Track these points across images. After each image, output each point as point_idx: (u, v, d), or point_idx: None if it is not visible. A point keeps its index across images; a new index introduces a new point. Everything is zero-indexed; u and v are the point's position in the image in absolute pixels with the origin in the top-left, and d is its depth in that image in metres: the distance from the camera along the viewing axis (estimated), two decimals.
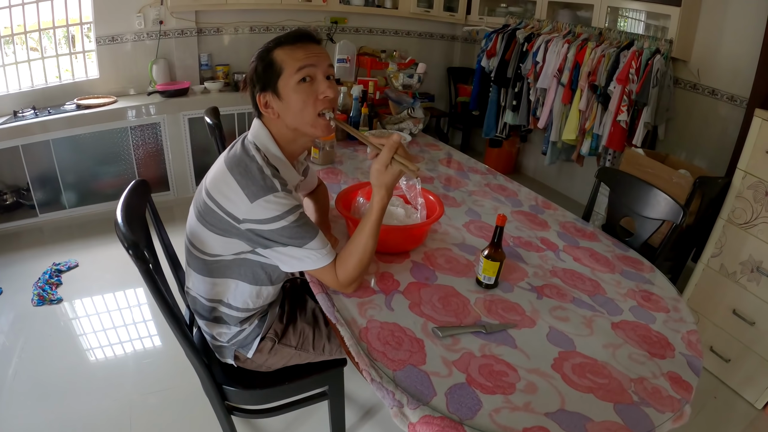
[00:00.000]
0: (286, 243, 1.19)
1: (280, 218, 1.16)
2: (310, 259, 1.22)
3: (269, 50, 1.25)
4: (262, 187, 1.16)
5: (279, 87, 1.24)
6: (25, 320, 2.55)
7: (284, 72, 1.23)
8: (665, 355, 1.19)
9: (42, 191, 3.48)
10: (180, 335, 1.27)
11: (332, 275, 1.27)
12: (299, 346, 1.49)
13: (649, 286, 1.52)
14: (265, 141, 1.29)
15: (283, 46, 1.25)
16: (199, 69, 4.20)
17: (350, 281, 1.28)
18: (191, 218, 1.32)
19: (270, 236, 1.18)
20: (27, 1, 3.44)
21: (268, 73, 1.24)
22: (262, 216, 1.16)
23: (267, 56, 1.25)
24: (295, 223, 1.18)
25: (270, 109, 1.27)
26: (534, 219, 1.90)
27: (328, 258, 1.25)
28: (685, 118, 3.40)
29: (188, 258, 1.38)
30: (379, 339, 1.15)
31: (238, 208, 1.17)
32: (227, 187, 1.19)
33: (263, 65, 1.25)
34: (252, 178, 1.17)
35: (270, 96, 1.26)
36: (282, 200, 1.17)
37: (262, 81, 1.26)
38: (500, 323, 1.24)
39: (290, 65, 1.23)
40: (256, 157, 1.22)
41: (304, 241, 1.20)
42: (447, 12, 5.04)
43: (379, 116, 2.85)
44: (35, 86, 3.63)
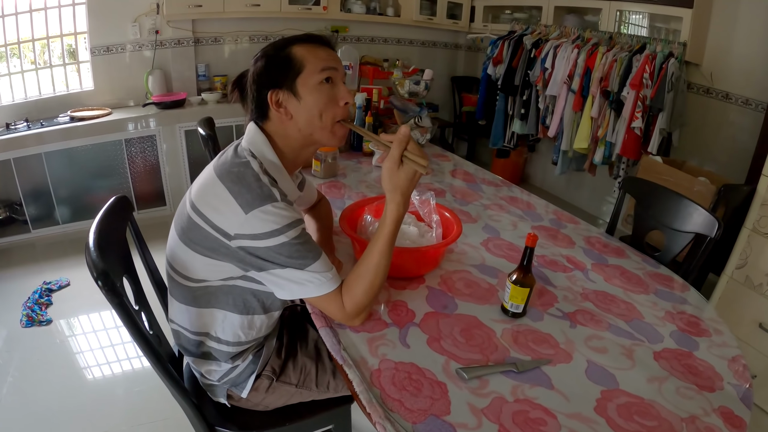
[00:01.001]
0: (285, 264, 1.03)
1: (279, 233, 1.00)
2: (312, 283, 1.05)
3: (284, 46, 1.13)
4: (259, 195, 1.01)
5: (297, 85, 1.11)
6: (14, 342, 2.44)
7: (305, 69, 1.11)
8: (714, 387, 1.06)
9: (35, 206, 3.37)
10: (164, 374, 1.12)
11: (338, 304, 1.10)
12: (300, 384, 1.32)
13: (687, 306, 1.39)
14: (263, 148, 1.14)
15: (302, 44, 1.14)
16: (196, 80, 4.10)
17: (359, 310, 1.11)
18: (172, 238, 1.15)
19: (265, 255, 1.02)
20: (21, 11, 3.35)
21: (284, 70, 1.11)
22: (257, 230, 0.99)
23: (283, 51, 1.12)
24: (296, 240, 1.02)
25: (282, 109, 1.13)
26: (556, 234, 1.76)
27: (333, 283, 1.08)
28: (699, 124, 3.30)
29: (169, 284, 1.21)
30: (394, 383, 0.99)
31: (230, 222, 1.01)
32: (217, 198, 1.03)
33: (278, 61, 1.12)
34: (247, 185, 1.02)
35: (285, 94, 1.12)
36: (282, 211, 1.01)
37: (275, 77, 1.12)
38: (532, 359, 1.09)
39: (313, 63, 1.12)
40: (251, 163, 1.07)
41: (306, 262, 1.04)
42: (450, 20, 5.00)
43: (383, 126, 2.72)
44: (28, 98, 3.53)
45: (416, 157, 1.05)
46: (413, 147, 1.06)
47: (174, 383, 1.14)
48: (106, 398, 2.14)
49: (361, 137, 2.52)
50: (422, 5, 4.76)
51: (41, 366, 2.30)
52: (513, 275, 1.20)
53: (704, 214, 1.65)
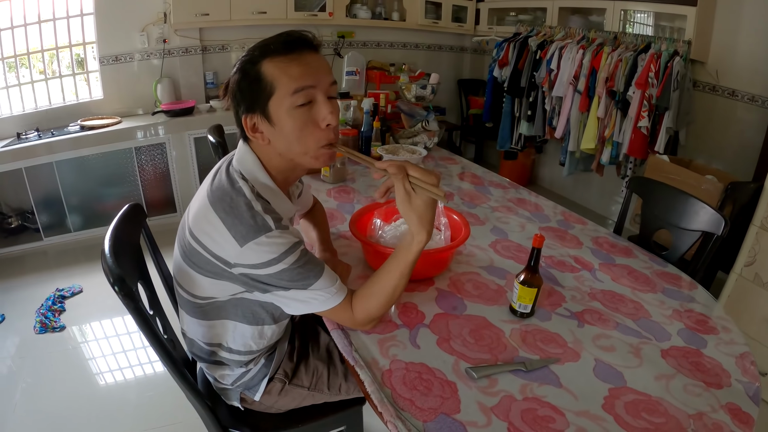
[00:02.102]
0: (288, 287, 1.02)
1: (277, 261, 0.98)
2: (316, 300, 1.05)
3: (254, 61, 1.02)
4: (252, 227, 0.97)
5: (270, 109, 1.02)
6: (27, 348, 2.47)
7: (276, 92, 1.01)
8: (722, 384, 1.06)
9: (46, 214, 3.42)
10: (179, 377, 1.14)
11: (346, 314, 1.10)
12: (312, 387, 1.34)
13: (694, 304, 1.39)
14: (253, 169, 1.08)
15: (272, 58, 1.01)
16: (204, 87, 4.14)
17: (369, 320, 1.12)
18: (176, 256, 1.13)
19: (268, 281, 1.01)
20: (30, 22, 3.39)
21: (254, 91, 1.02)
22: (254, 261, 0.98)
23: (253, 69, 1.02)
24: (296, 264, 1.00)
25: (259, 134, 1.06)
26: (564, 235, 1.77)
27: (338, 297, 1.07)
28: (705, 122, 3.30)
29: (179, 299, 1.20)
30: (404, 383, 1.01)
31: (227, 252, 0.99)
32: (212, 228, 1.00)
33: (249, 80, 1.02)
34: (239, 216, 0.98)
35: (258, 118, 1.04)
36: (277, 240, 0.98)
37: (247, 99, 1.03)
38: (541, 358, 1.10)
39: (284, 84, 1.00)
40: (243, 189, 1.02)
41: (309, 282, 1.03)
42: (455, 23, 5.01)
43: (391, 130, 2.74)
44: (39, 108, 3.59)
45: (427, 185, 1.00)
46: (419, 173, 1.00)
47: (189, 386, 1.16)
48: (118, 403, 2.16)
49: (369, 143, 2.53)
50: (427, 9, 4.78)
51: (54, 371, 2.32)
52: (520, 276, 1.21)
53: (710, 212, 1.65)
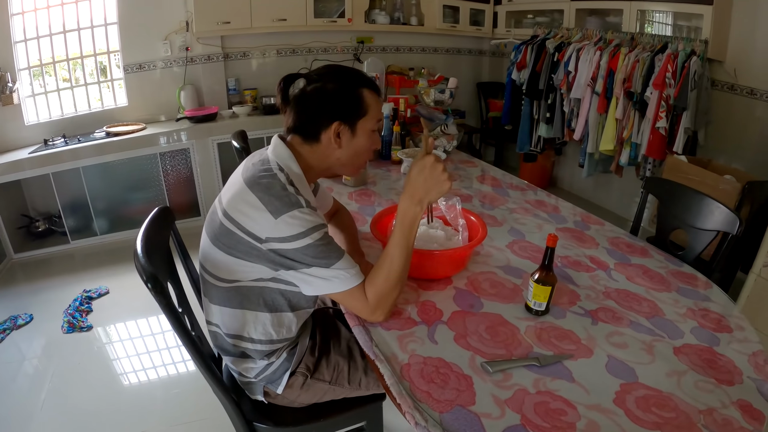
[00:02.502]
0: (311, 263, 1.12)
1: (305, 235, 1.09)
2: (338, 279, 1.14)
3: (357, 85, 1.24)
4: (287, 202, 1.10)
5: (358, 126, 1.25)
6: (55, 347, 2.54)
7: (368, 115, 1.25)
8: (733, 381, 1.07)
9: (73, 218, 3.53)
10: (206, 371, 1.19)
11: (362, 298, 1.18)
12: (333, 381, 1.38)
13: (708, 303, 1.40)
14: (289, 162, 1.23)
15: (368, 89, 1.25)
16: (226, 94, 4.22)
17: (380, 300, 1.18)
18: (204, 242, 1.24)
19: (294, 256, 1.11)
20: (55, 32, 3.50)
21: (354, 108, 1.23)
22: (286, 233, 1.09)
23: (356, 90, 1.24)
24: (320, 241, 1.12)
25: (338, 140, 1.24)
26: (581, 236, 1.78)
27: (356, 279, 1.16)
28: (724, 121, 3.26)
29: (204, 286, 1.29)
30: (422, 376, 1.05)
31: (261, 227, 1.10)
32: (248, 206, 1.12)
33: (350, 97, 1.23)
34: (275, 194, 1.11)
35: (347, 129, 1.24)
36: (307, 216, 1.11)
37: (345, 111, 1.23)
38: (554, 354, 1.13)
39: (374, 111, 1.27)
40: (278, 175, 1.16)
41: (331, 261, 1.13)
42: (473, 26, 5.01)
43: (411, 134, 2.77)
44: (65, 115, 3.70)
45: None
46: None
47: (215, 380, 1.21)
48: (143, 400, 2.22)
49: (389, 147, 2.57)
50: (445, 13, 4.80)
51: (81, 370, 2.39)
52: (535, 274, 1.24)
53: (725, 211, 1.66)
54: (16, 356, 2.47)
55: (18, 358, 2.46)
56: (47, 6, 3.42)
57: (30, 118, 3.51)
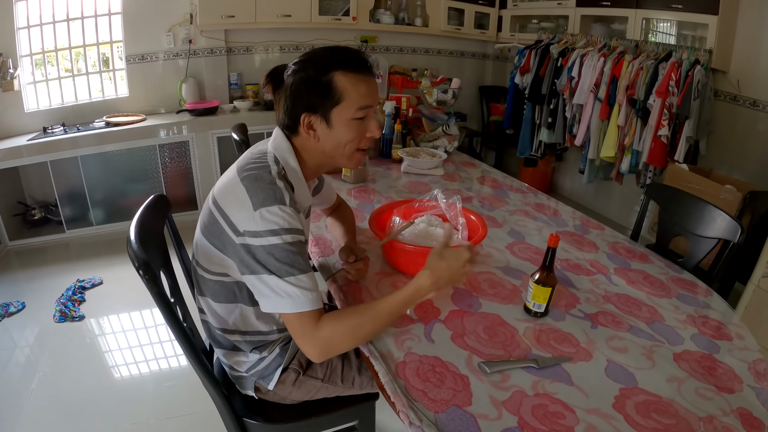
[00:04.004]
0: (272, 269, 1.02)
1: (276, 234, 1.02)
2: (291, 298, 1.03)
3: (326, 69, 1.12)
4: (270, 196, 1.04)
5: (332, 115, 1.14)
6: (47, 336, 2.52)
7: (343, 102, 1.13)
8: (733, 389, 1.06)
9: (70, 207, 3.51)
10: (196, 363, 1.16)
11: (309, 328, 1.05)
12: (326, 379, 1.36)
13: (708, 310, 1.39)
14: (286, 155, 1.19)
15: (345, 72, 1.12)
16: (228, 88, 4.21)
17: (328, 345, 1.07)
18: (197, 232, 1.21)
19: (259, 255, 1.03)
20: (58, 20, 3.48)
21: (322, 96, 1.13)
22: (260, 227, 1.02)
23: (325, 76, 1.12)
24: (290, 246, 1.03)
25: (312, 132, 1.17)
26: (581, 240, 1.77)
27: (310, 304, 1.04)
28: (727, 132, 3.25)
29: (195, 278, 1.26)
30: (418, 375, 1.03)
31: (241, 217, 1.05)
32: (234, 195, 1.08)
33: (318, 85, 1.12)
34: (261, 186, 1.06)
35: (317, 120, 1.15)
36: (285, 215, 1.04)
37: (312, 101, 1.13)
38: (553, 356, 1.11)
39: (352, 99, 1.13)
40: (271, 168, 1.12)
41: (292, 271, 1.03)
42: (478, 29, 5.00)
43: (412, 134, 2.76)
44: (65, 103, 3.68)
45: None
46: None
47: (205, 372, 1.18)
48: (135, 393, 2.20)
49: (390, 145, 2.56)
50: (450, 15, 4.79)
51: (72, 360, 2.37)
52: (536, 275, 1.22)
53: (727, 219, 1.64)
54: (7, 344, 2.45)
55: (9, 346, 2.43)
56: None
57: (30, 106, 3.49)
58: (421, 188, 2.19)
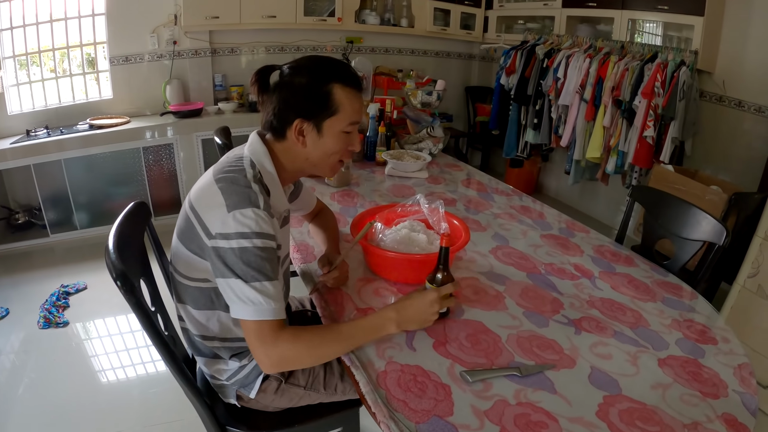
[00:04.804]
0: (238, 273, 1.02)
1: (246, 237, 1.02)
2: (254, 305, 1.01)
3: (327, 80, 1.15)
4: (245, 198, 1.05)
5: (324, 125, 1.16)
6: (31, 343, 2.49)
7: (337, 115, 1.16)
8: (718, 394, 1.06)
9: (54, 211, 3.45)
10: (177, 373, 1.15)
11: (267, 338, 1.03)
12: (309, 386, 1.34)
13: (694, 314, 1.39)
14: (263, 159, 1.18)
15: (344, 86, 1.16)
16: (213, 89, 4.17)
17: (284, 360, 1.08)
18: (174, 239, 1.20)
19: (229, 258, 1.02)
20: (42, 21, 3.44)
21: (319, 105, 1.15)
22: (231, 229, 1.02)
23: (325, 86, 1.14)
24: (260, 251, 1.03)
25: (302, 138, 1.17)
26: (565, 243, 1.77)
27: (272, 314, 1.03)
28: (712, 132, 3.29)
29: (173, 285, 1.25)
30: (399, 385, 1.02)
31: (214, 220, 1.05)
32: (209, 197, 1.08)
33: (317, 93, 1.14)
34: (236, 188, 1.07)
35: (310, 127, 1.16)
36: (259, 219, 1.04)
37: (308, 108, 1.15)
38: (536, 364, 1.10)
39: (347, 112, 1.17)
40: (247, 172, 1.12)
41: (258, 277, 1.02)
42: (464, 30, 5.02)
43: (396, 136, 2.75)
44: (49, 105, 3.63)
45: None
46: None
47: (187, 382, 1.17)
48: (120, 399, 2.18)
49: (374, 147, 2.55)
50: (436, 16, 4.80)
51: (57, 367, 2.33)
52: (433, 276, 1.19)
53: (712, 222, 1.65)
54: None
55: None
56: None
57: (13, 108, 3.44)
58: (405, 191, 2.18)
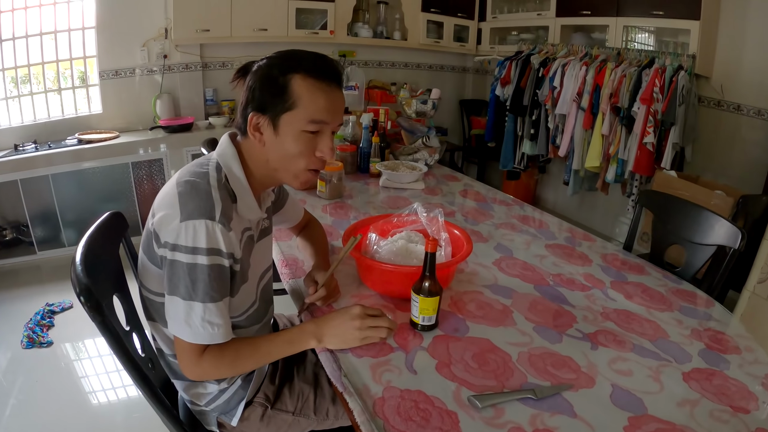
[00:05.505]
0: (182, 290, 0.95)
1: (195, 252, 0.93)
2: (190, 328, 0.96)
3: (285, 70, 1.02)
4: (201, 208, 0.95)
5: (281, 120, 1.03)
6: (14, 363, 2.41)
7: (295, 109, 1.03)
8: (749, 408, 0.98)
9: (41, 228, 3.37)
10: (151, 398, 1.04)
11: (195, 356, 1.00)
12: (297, 412, 1.24)
13: (714, 323, 1.32)
14: (230, 161, 1.07)
15: (306, 77, 1.02)
16: (204, 104, 4.10)
17: (208, 374, 1.07)
18: (140, 252, 1.10)
19: (174, 271, 0.95)
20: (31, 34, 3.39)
21: (274, 97, 1.02)
22: (180, 241, 0.94)
23: (281, 77, 1.02)
24: (208, 270, 0.95)
25: (258, 134, 1.06)
26: (572, 252, 1.69)
27: (211, 339, 0.98)
28: (711, 137, 3.26)
29: (143, 303, 1.14)
30: (399, 413, 0.91)
31: (167, 227, 0.95)
32: (167, 202, 0.98)
33: (274, 85, 1.02)
34: (194, 196, 0.97)
35: (265, 121, 1.04)
36: (212, 234, 0.94)
37: (262, 101, 1.03)
38: (552, 384, 1.00)
39: (306, 108, 1.03)
40: (211, 176, 1.01)
41: (204, 298, 0.95)
42: (457, 42, 4.99)
43: (391, 148, 2.67)
44: (37, 120, 3.56)
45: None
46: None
47: (162, 408, 1.06)
48: (105, 424, 2.09)
49: (367, 159, 2.47)
50: (429, 29, 4.75)
51: (41, 389, 2.25)
52: (420, 286, 1.12)
53: (726, 224, 1.58)
54: None
55: None
56: (25, 7, 3.29)
57: (1, 122, 3.37)
58: (400, 203, 2.10)
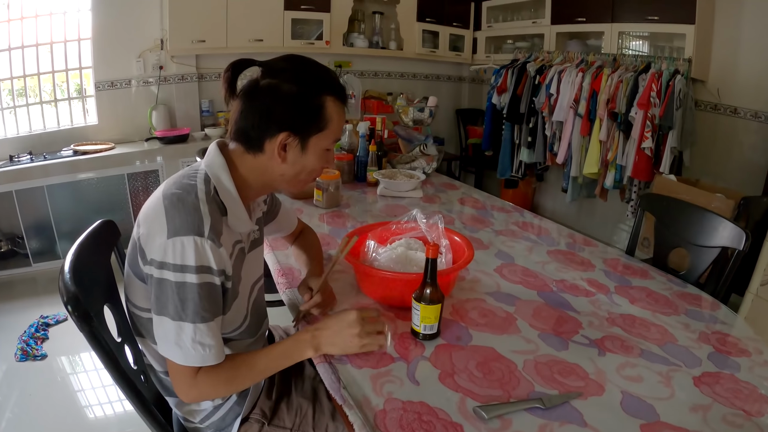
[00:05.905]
0: (171, 311, 0.91)
1: (184, 271, 0.90)
2: (181, 349, 0.92)
3: (320, 92, 1.02)
4: (188, 223, 0.91)
5: (311, 141, 1.03)
6: (12, 377, 2.37)
7: (326, 130, 1.04)
8: (763, 411, 0.96)
9: (36, 240, 3.35)
10: (144, 414, 1.01)
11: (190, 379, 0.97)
12: (296, 428, 1.19)
13: (721, 325, 1.30)
14: (220, 173, 1.02)
15: (333, 98, 1.03)
16: (200, 115, 4.09)
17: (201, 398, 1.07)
18: (126, 267, 1.06)
19: (163, 291, 0.91)
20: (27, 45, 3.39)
21: (310, 119, 1.01)
22: (168, 259, 0.90)
23: (318, 98, 1.01)
24: (198, 289, 0.91)
25: (283, 154, 1.02)
26: (574, 258, 1.67)
27: (202, 360, 0.95)
28: (709, 141, 3.26)
29: (130, 318, 1.11)
30: (401, 426, 0.87)
31: (153, 243, 0.92)
32: (153, 218, 0.95)
33: (309, 106, 1.01)
34: (181, 211, 0.93)
35: (296, 143, 1.02)
36: (201, 251, 0.91)
37: (298, 121, 1.00)
38: (560, 393, 0.97)
39: (335, 129, 1.06)
40: (199, 189, 0.97)
41: (194, 318, 0.92)
42: (453, 52, 4.99)
43: (388, 157, 2.65)
44: (33, 131, 3.55)
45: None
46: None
47: (156, 424, 1.03)
48: None
49: (364, 167, 2.45)
50: (424, 38, 4.76)
51: (36, 402, 2.22)
52: (421, 293, 1.09)
53: (730, 226, 1.56)
54: None
55: None
56: (21, 18, 3.29)
57: None
58: (398, 212, 2.06)
